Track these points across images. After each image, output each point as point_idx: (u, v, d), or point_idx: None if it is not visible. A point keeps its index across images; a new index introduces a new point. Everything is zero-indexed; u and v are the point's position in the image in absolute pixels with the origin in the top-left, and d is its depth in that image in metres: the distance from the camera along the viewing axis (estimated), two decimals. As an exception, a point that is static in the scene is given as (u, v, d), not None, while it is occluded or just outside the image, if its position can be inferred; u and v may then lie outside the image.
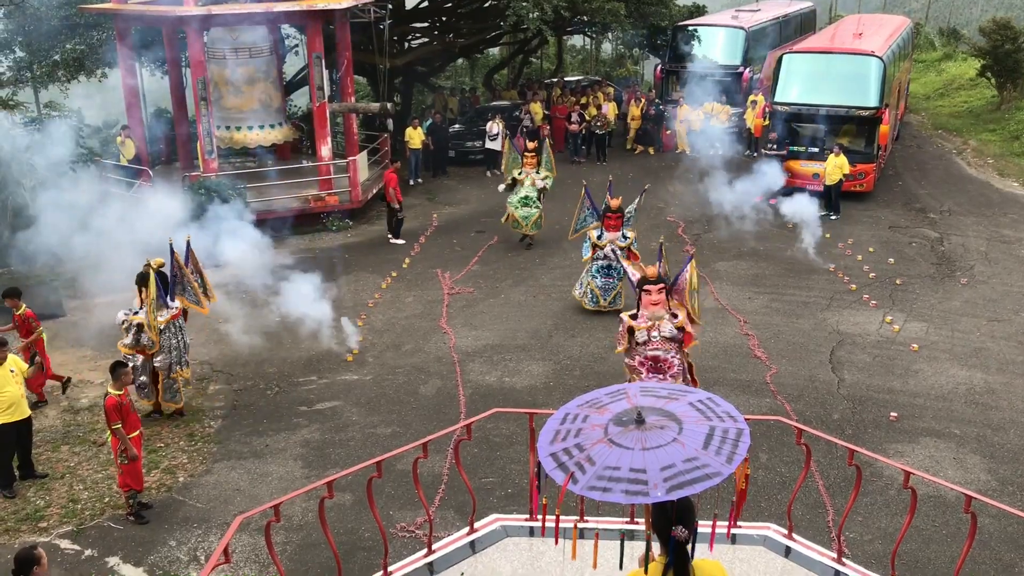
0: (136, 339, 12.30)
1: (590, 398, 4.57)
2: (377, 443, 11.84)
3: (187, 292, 12.77)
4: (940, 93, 34.85)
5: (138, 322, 12.23)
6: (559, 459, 4.13)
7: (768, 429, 11.68)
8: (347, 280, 17.79)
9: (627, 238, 15.79)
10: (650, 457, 3.88)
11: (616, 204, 15.79)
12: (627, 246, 15.73)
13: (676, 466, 3.82)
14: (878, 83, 22.15)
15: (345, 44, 21.93)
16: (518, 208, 18.96)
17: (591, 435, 4.15)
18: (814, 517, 10.19)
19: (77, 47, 22.81)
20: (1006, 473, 11.09)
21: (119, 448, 10.15)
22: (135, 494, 10.40)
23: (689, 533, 4.17)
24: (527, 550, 6.94)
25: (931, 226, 20.66)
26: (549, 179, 19.25)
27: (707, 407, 4.24)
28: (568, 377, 13.61)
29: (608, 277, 15.90)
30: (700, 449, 3.89)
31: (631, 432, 4.06)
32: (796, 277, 17.62)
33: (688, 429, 4.02)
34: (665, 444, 3.94)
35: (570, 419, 4.40)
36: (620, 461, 3.92)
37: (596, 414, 4.32)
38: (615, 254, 15.63)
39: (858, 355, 14.29)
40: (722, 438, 3.98)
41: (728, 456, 3.88)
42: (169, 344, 12.33)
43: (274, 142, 21.89)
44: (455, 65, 35.49)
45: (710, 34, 28.99)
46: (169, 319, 12.31)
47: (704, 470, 3.81)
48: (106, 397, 10.17)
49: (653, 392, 4.46)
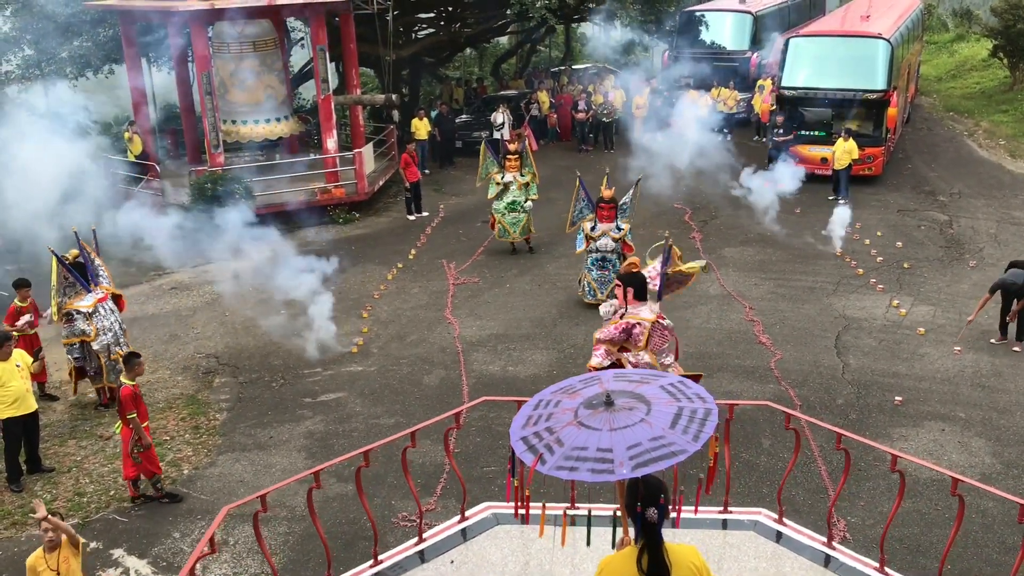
0: (71, 330, 12.45)
1: (564, 385, 4.59)
2: (380, 434, 11.85)
3: (102, 279, 12.93)
4: (952, 75, 34.53)
5: (67, 311, 12.41)
6: (529, 442, 4.14)
7: (771, 415, 11.63)
8: (353, 272, 17.83)
9: (621, 229, 15.41)
10: (617, 437, 3.89)
11: (609, 195, 15.43)
12: (621, 237, 15.38)
13: (642, 444, 3.83)
14: (886, 65, 21.97)
15: (350, 36, 21.96)
16: (505, 215, 18.11)
17: (561, 418, 4.16)
18: (815, 502, 10.16)
19: (84, 44, 22.92)
20: (1011, 456, 11.01)
21: (133, 438, 10.26)
22: (158, 478, 10.61)
23: (659, 514, 4.16)
24: (518, 537, 6.95)
25: (940, 209, 20.50)
26: (533, 185, 18.25)
27: (677, 389, 4.24)
28: (572, 366, 13.59)
29: (603, 270, 15.49)
30: (667, 428, 3.90)
31: (600, 414, 4.07)
32: (803, 263, 17.54)
33: (656, 410, 4.02)
34: (632, 424, 3.94)
35: (543, 405, 4.41)
36: (588, 441, 3.93)
37: (568, 399, 4.32)
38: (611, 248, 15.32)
39: (864, 340, 14.21)
40: (690, 418, 3.98)
41: (695, 435, 3.88)
42: (102, 326, 12.45)
43: (281, 135, 21.95)
44: (462, 55, 35.44)
45: (718, 19, 28.89)
46: (95, 303, 12.45)
47: (670, 448, 3.81)
48: (121, 387, 10.28)
49: (626, 377, 4.46)
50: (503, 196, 18.13)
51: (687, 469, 6.65)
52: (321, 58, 20.81)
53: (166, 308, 16.46)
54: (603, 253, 15.44)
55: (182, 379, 13.71)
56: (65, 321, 12.44)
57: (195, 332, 15.38)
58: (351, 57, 22.46)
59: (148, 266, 17.57)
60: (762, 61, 27.99)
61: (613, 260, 15.35)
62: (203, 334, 15.29)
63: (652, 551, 4.19)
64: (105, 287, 12.81)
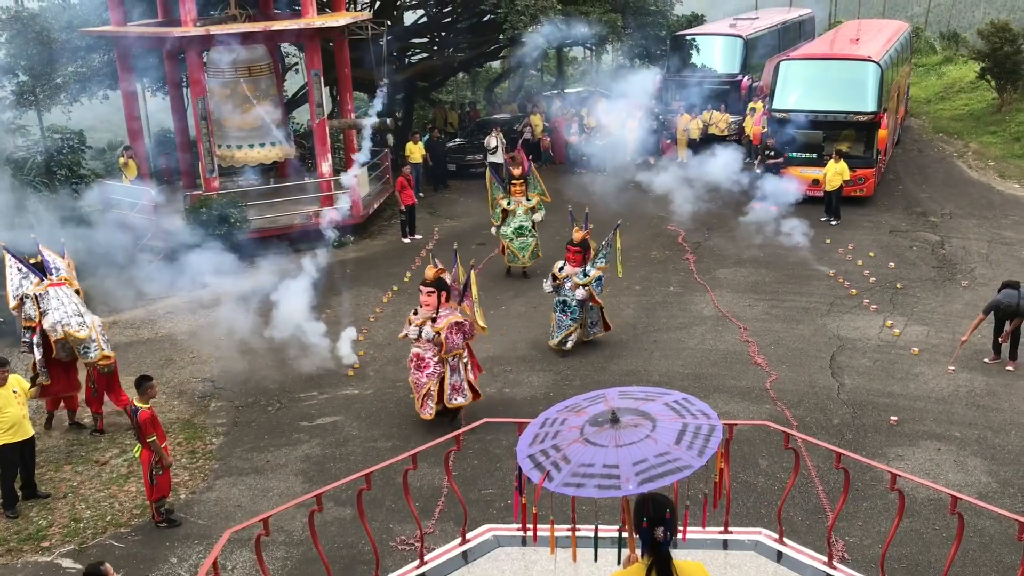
0: (24, 314, 12.66)
1: (570, 403, 4.63)
2: (377, 457, 11.84)
3: (62, 271, 13.00)
4: (941, 96, 34.84)
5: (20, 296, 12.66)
6: (536, 460, 4.18)
7: (768, 435, 11.67)
8: (349, 295, 17.85)
9: (586, 275, 14.36)
10: (623, 453, 3.93)
11: (579, 237, 14.57)
12: (586, 283, 14.33)
13: (648, 460, 3.87)
14: (876, 88, 22.18)
15: (344, 61, 22.09)
16: (513, 240, 18.00)
17: (568, 436, 4.20)
18: (813, 522, 10.17)
19: (79, 70, 23.01)
20: (1007, 475, 11.06)
21: (152, 460, 10.26)
22: (163, 500, 10.58)
23: (669, 533, 4.18)
24: (519, 559, 6.95)
25: (932, 229, 20.64)
26: (541, 208, 18.29)
27: (682, 406, 4.28)
28: (568, 387, 13.61)
29: (563, 314, 14.55)
30: (672, 444, 3.94)
31: (606, 431, 4.11)
32: (796, 283, 17.62)
33: (661, 426, 4.06)
34: (638, 441, 3.98)
35: (549, 423, 4.45)
36: (594, 458, 3.97)
37: (574, 416, 4.36)
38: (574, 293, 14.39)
39: (858, 360, 14.27)
40: (694, 434, 4.02)
41: (700, 450, 3.91)
42: (49, 306, 12.49)
43: (275, 160, 22.02)
44: (455, 79, 35.66)
45: (708, 43, 29.09)
46: (47, 287, 12.55)
47: (675, 463, 3.85)
48: (138, 412, 10.25)
49: (630, 395, 4.50)
50: (509, 221, 18.05)
51: (689, 488, 6.68)
52: (316, 83, 20.92)
53: (161, 332, 16.44)
54: (564, 297, 14.53)
55: (178, 403, 13.68)
56: (19, 309, 12.70)
57: (190, 356, 15.36)
58: (345, 82, 22.59)
59: (142, 291, 17.55)
60: (753, 84, 28.21)
61: (573, 308, 14.47)
62: (198, 358, 15.27)
63: (661, 567, 4.21)
64: (64, 276, 12.90)
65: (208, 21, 20.56)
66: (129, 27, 21.20)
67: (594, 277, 14.46)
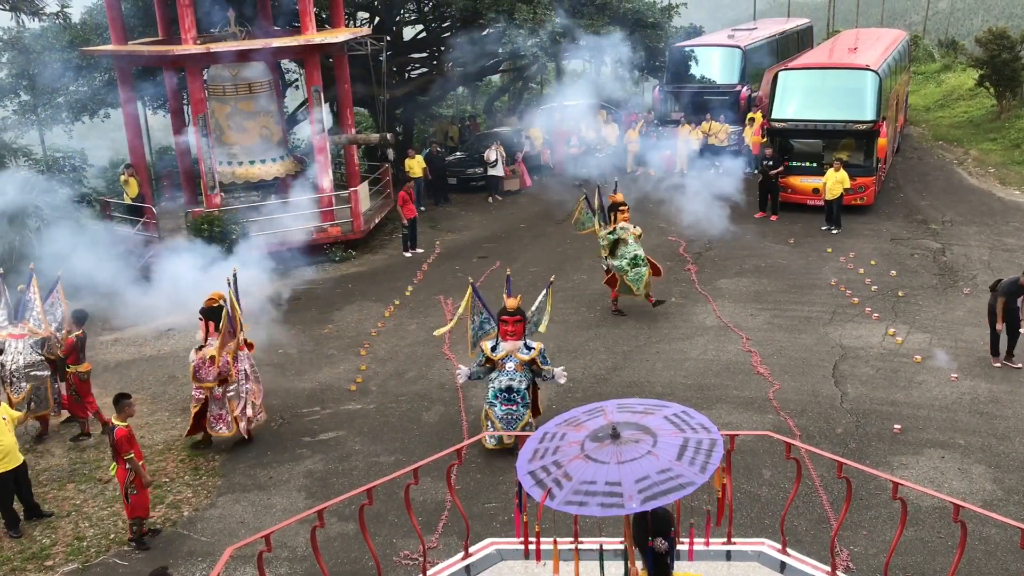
0: None
1: (568, 416, 4.62)
2: (380, 472, 11.82)
3: (31, 319, 13.22)
4: (940, 104, 34.89)
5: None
6: (537, 476, 4.18)
7: (771, 446, 11.65)
8: (350, 310, 17.86)
9: (531, 349, 11.97)
10: (625, 470, 3.92)
11: (514, 304, 12.07)
12: (532, 359, 11.95)
13: (650, 477, 3.86)
14: (874, 96, 22.21)
15: (344, 77, 22.17)
16: (628, 271, 16.19)
17: (568, 452, 4.19)
18: (818, 532, 10.14)
19: (80, 89, 23.11)
20: (1012, 482, 11.02)
21: (128, 479, 10.23)
22: (140, 521, 10.52)
23: (668, 545, 4.18)
24: (522, 573, 6.93)
25: (933, 237, 20.64)
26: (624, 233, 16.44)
27: (681, 420, 4.28)
28: (570, 399, 13.59)
29: (510, 404, 11.92)
30: (674, 460, 3.93)
31: (607, 447, 4.10)
32: (798, 292, 17.61)
33: (662, 441, 4.05)
34: (640, 457, 3.97)
35: (548, 437, 4.45)
36: (596, 475, 3.96)
37: (573, 431, 4.36)
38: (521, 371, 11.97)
39: (861, 368, 14.25)
40: (696, 449, 4.01)
41: (702, 466, 3.91)
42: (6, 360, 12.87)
43: (276, 176, 22.07)
44: (455, 93, 35.75)
45: (707, 54, 29.18)
46: (8, 335, 12.95)
47: (678, 480, 3.84)
48: (115, 430, 10.26)
49: (629, 408, 4.49)
50: (619, 251, 16.33)
51: (691, 501, 6.67)
52: (316, 99, 21.00)
53: (164, 349, 16.45)
54: (509, 382, 11.92)
55: (181, 420, 13.66)
56: None
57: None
58: (345, 97, 22.67)
59: (144, 308, 17.55)
60: (752, 94, 28.27)
61: (522, 392, 11.95)
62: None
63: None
64: (31, 327, 13.07)
65: (208, 39, 20.65)
66: (130, 46, 21.30)
67: (540, 350, 12.13)
